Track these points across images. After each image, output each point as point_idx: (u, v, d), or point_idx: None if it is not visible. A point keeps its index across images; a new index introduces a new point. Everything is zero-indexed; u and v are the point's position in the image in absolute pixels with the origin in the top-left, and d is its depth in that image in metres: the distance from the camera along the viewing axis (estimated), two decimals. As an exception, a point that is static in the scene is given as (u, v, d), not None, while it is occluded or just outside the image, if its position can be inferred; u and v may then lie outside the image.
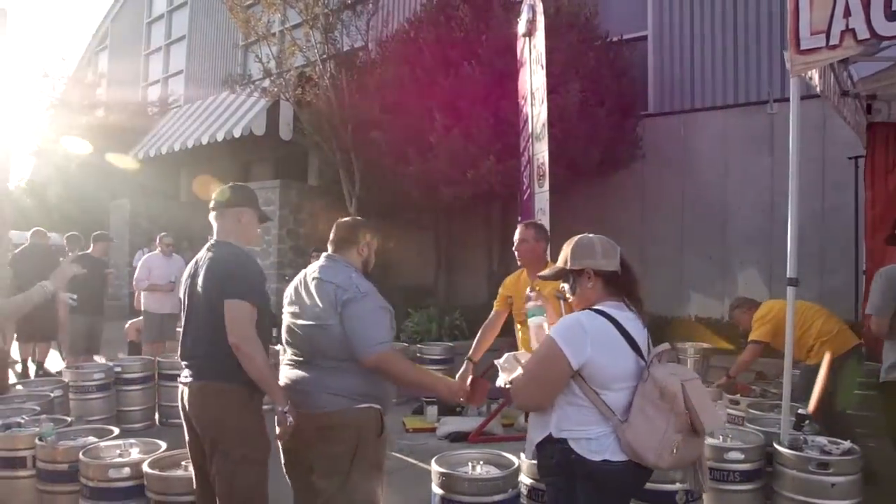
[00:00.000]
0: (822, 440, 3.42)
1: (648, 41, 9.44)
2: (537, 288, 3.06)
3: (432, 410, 6.08)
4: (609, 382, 2.15)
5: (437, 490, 3.08)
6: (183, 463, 3.26)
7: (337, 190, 10.25)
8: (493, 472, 3.12)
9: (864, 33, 3.33)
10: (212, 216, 2.93)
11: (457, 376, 4.15)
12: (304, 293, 2.72)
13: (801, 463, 3.22)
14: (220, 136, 11.12)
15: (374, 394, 2.64)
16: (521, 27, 6.24)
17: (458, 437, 5.66)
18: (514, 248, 4.03)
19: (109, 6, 19.21)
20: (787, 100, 8.11)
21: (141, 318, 8.33)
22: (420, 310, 8.90)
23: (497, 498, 2.96)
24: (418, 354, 7.21)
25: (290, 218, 10.57)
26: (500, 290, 4.35)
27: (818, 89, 4.64)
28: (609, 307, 2.23)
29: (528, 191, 6.29)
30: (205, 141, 11.44)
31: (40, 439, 3.59)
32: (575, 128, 7.79)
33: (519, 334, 4.16)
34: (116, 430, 3.83)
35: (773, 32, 8.39)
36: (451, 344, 7.41)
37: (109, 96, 14.80)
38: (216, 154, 12.79)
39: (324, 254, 2.84)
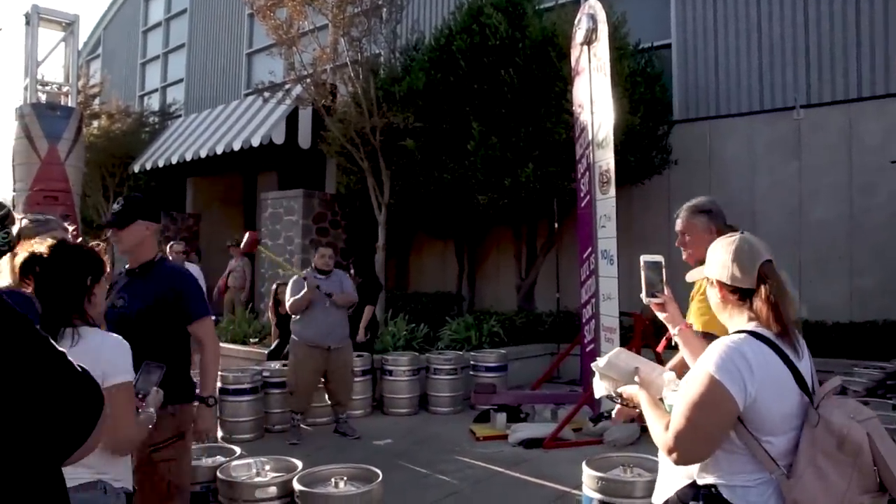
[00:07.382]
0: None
1: (672, 49, 9.58)
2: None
3: (501, 418, 6.07)
4: (774, 427, 1.69)
5: (593, 494, 3.08)
6: (333, 479, 3.19)
7: (361, 199, 10.18)
8: (644, 473, 3.13)
9: None
10: None
11: None
12: None
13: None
14: (236, 146, 10.93)
15: None
16: (580, 36, 6.24)
17: (533, 444, 5.66)
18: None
19: (101, 14, 18.88)
20: (813, 105, 8.42)
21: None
22: (456, 318, 8.86)
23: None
24: (472, 362, 7.18)
25: (312, 227, 10.44)
26: None
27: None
28: (763, 329, 1.73)
29: (588, 197, 6.31)
30: (219, 151, 11.24)
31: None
32: (614, 136, 7.84)
33: None
34: (238, 450, 3.74)
35: (798, 39, 8.58)
36: (503, 351, 7.40)
37: (108, 105, 14.45)
38: (224, 164, 12.59)
39: None
